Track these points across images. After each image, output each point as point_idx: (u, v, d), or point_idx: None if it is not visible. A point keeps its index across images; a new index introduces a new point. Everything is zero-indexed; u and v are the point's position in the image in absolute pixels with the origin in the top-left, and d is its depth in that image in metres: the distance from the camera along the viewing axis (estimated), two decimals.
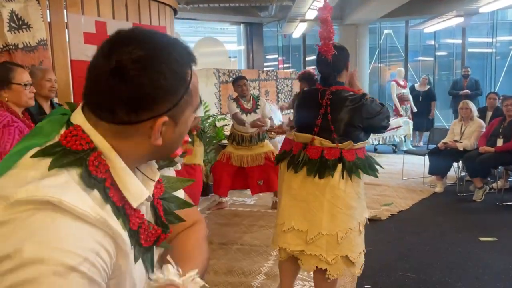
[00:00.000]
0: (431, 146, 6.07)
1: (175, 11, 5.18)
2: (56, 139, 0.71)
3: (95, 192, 0.68)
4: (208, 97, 6.24)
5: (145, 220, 0.76)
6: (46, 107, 2.94)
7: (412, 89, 8.68)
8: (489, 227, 4.09)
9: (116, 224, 0.69)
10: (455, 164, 5.49)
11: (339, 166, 2.22)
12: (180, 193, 0.95)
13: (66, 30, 3.76)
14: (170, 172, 0.95)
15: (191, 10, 8.22)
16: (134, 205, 0.73)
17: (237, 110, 4.38)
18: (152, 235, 0.77)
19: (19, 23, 3.43)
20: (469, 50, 10.80)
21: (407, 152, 6.64)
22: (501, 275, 3.09)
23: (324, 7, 2.34)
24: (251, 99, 4.50)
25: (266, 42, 10.93)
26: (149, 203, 0.82)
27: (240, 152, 4.46)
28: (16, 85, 2.23)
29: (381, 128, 2.40)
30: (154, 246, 0.81)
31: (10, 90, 2.23)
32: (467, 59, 10.43)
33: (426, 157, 5.64)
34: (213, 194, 4.97)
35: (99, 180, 0.68)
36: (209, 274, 3.03)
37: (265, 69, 9.05)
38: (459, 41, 10.74)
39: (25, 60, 3.46)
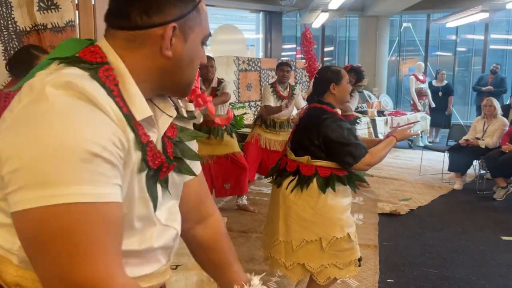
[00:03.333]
0: (451, 143, 6.00)
1: None
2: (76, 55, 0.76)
3: (106, 94, 0.71)
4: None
5: (151, 140, 0.77)
6: None
7: (430, 85, 8.55)
8: (511, 226, 4.05)
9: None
10: (474, 162, 5.43)
11: (291, 177, 2.27)
12: (193, 146, 0.94)
13: (93, 12, 3.75)
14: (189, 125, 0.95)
15: None
16: (138, 118, 0.74)
17: (271, 102, 4.31)
18: (157, 157, 0.78)
19: (48, 3, 3.43)
20: (490, 46, 10.60)
21: (426, 147, 6.57)
22: None
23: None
24: (288, 87, 4.48)
25: (284, 32, 10.82)
26: (160, 137, 0.82)
27: (268, 136, 4.41)
28: None
29: (342, 160, 2.18)
30: (161, 187, 0.81)
31: None
32: (487, 56, 10.24)
33: (445, 153, 5.57)
34: None
35: (107, 88, 0.71)
36: None
37: (283, 58, 8.97)
38: (479, 37, 10.53)
39: (53, 41, 3.45)
